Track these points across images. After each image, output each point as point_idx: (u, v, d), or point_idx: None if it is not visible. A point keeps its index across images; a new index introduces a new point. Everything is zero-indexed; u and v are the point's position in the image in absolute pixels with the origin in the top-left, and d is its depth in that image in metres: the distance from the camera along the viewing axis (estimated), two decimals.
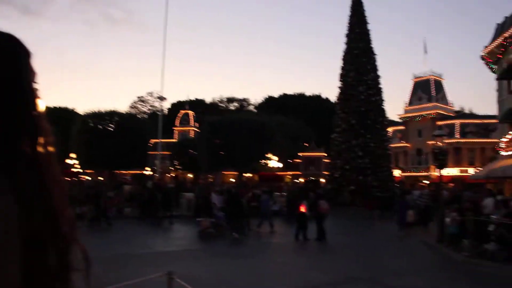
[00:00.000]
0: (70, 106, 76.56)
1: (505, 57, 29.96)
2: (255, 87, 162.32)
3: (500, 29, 31.26)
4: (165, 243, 17.19)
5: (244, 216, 19.31)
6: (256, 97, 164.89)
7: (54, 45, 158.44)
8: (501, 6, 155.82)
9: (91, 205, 21.90)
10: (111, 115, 39.40)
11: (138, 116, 61.10)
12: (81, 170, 45.37)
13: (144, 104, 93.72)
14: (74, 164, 43.09)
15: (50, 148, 0.96)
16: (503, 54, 30.00)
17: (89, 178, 51.87)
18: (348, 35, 41.24)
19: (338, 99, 41.23)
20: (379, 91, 40.04)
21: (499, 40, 29.54)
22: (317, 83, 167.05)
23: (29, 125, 0.92)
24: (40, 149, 0.92)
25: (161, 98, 61.17)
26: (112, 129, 38.74)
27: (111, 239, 17.30)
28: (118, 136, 36.72)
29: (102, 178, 51.16)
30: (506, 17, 31.12)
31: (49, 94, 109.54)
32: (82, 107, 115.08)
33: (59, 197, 0.94)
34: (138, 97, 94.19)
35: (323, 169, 70.01)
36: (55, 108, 66.04)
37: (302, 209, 17.84)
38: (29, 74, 0.98)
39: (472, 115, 66.68)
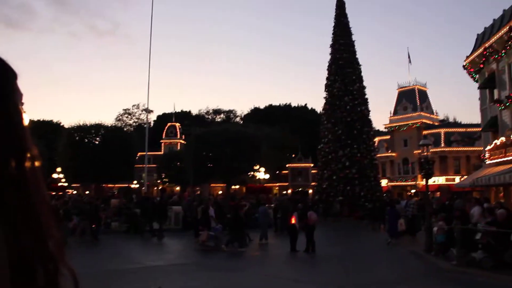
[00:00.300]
0: (55, 119, 75.93)
1: (486, 67, 30.48)
2: (241, 99, 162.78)
3: (481, 39, 31.80)
4: (153, 258, 17.03)
5: (243, 228, 19.24)
6: (242, 108, 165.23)
7: (38, 57, 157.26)
8: (482, 16, 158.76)
9: (88, 220, 21.73)
10: (97, 128, 39.04)
11: (124, 129, 60.63)
12: (67, 184, 44.90)
13: (130, 117, 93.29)
14: (60, 178, 42.63)
15: (37, 169, 0.95)
16: (484, 63, 30.51)
17: (75, 192, 51.39)
18: (332, 46, 41.65)
19: (324, 110, 41.49)
20: (364, 101, 40.40)
21: (480, 50, 30.04)
22: (303, 93, 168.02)
23: (16, 147, 0.91)
24: (26, 169, 0.91)
25: (147, 111, 61.09)
26: (98, 143, 38.42)
27: (99, 254, 17.12)
28: (104, 149, 36.39)
29: (88, 192, 50.65)
30: (486, 28, 31.70)
31: (34, 108, 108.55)
32: (67, 121, 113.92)
33: (47, 217, 0.93)
34: (124, 110, 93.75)
35: (310, 179, 70.29)
36: (40, 121, 65.49)
37: (293, 220, 17.84)
38: (17, 97, 0.97)
39: (456, 124, 67.54)
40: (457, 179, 49.04)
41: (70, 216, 21.89)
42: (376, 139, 56.73)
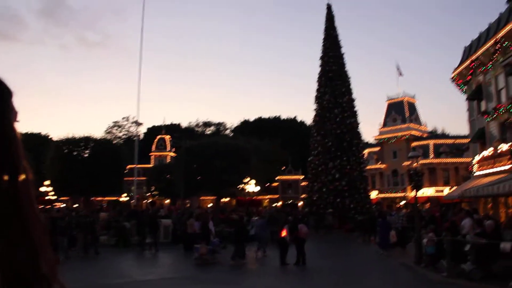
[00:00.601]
0: (43, 132, 75.40)
1: (474, 79, 30.84)
2: (231, 111, 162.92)
3: (468, 51, 32.22)
4: (144, 272, 16.87)
5: (246, 242, 19.12)
6: (232, 121, 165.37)
7: (27, 69, 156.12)
8: (470, 29, 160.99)
9: (87, 233, 21.61)
10: (86, 141, 38.79)
11: (113, 141, 60.36)
12: (55, 198, 44.47)
13: (119, 129, 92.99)
14: (48, 191, 42.22)
15: (30, 185, 0.96)
16: (472, 75, 30.89)
17: (64, 205, 50.88)
18: (322, 58, 41.94)
19: (313, 122, 41.66)
20: (354, 114, 40.63)
21: (467, 62, 30.42)
22: (292, 106, 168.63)
23: (9, 163, 0.92)
24: (19, 186, 0.92)
25: (137, 123, 60.88)
26: (87, 155, 38.16)
27: (89, 269, 16.91)
28: (93, 162, 36.14)
29: (77, 205, 50.17)
30: (473, 40, 32.14)
31: (22, 120, 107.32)
32: (55, 133, 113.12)
33: (40, 237, 0.94)
34: (114, 122, 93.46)
35: (300, 192, 70.28)
36: (28, 134, 64.97)
37: (283, 233, 17.78)
38: (11, 115, 0.98)
39: (445, 136, 68.10)
40: (446, 190, 49.30)
41: (69, 230, 21.65)
42: (366, 151, 57.07)
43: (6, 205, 0.89)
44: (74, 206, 47.88)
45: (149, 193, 59.97)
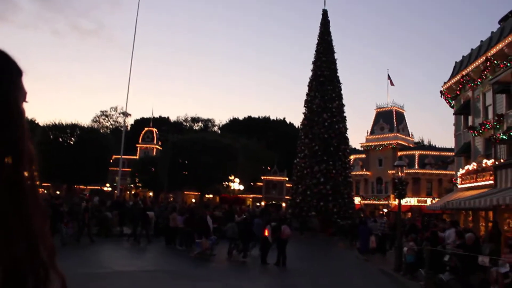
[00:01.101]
0: (30, 116, 74.56)
1: (462, 94, 31.24)
2: (220, 108, 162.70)
3: (459, 67, 32.64)
4: (124, 263, 16.82)
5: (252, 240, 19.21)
6: (221, 118, 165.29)
7: (17, 52, 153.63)
8: (461, 45, 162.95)
9: (78, 222, 21.72)
10: (73, 128, 38.46)
11: (100, 130, 59.91)
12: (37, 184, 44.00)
13: (107, 119, 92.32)
14: None
15: (34, 173, 0.93)
16: (461, 90, 31.28)
17: (45, 192, 50.36)
18: (314, 63, 42.07)
19: (302, 125, 41.78)
20: (343, 119, 40.83)
21: (457, 77, 30.79)
22: (283, 107, 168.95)
23: (15, 149, 0.88)
24: (23, 174, 0.90)
25: (125, 114, 60.52)
26: (73, 143, 37.85)
27: (69, 258, 16.78)
28: (78, 150, 35.85)
29: (59, 193, 49.68)
30: (464, 56, 32.57)
31: None
32: (42, 118, 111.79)
33: (40, 224, 0.92)
34: (102, 112, 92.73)
35: (284, 193, 70.45)
36: None
37: (266, 233, 17.85)
38: (19, 94, 0.94)
39: (431, 147, 68.78)
40: (429, 201, 49.87)
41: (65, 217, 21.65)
42: (352, 157, 57.35)
43: (8, 189, 0.85)
44: (57, 193, 47.41)
45: (133, 185, 59.64)
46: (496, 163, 18.82)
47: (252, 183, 73.86)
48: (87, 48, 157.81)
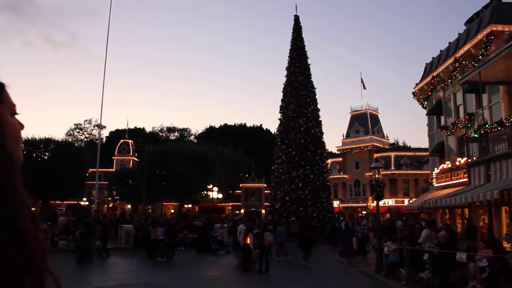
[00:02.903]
0: None
1: (434, 94, 31.89)
2: (196, 118, 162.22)
3: (429, 68, 33.33)
4: (104, 278, 16.58)
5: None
6: (197, 127, 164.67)
7: None
8: (432, 46, 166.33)
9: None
10: (46, 143, 37.70)
11: (75, 144, 59.00)
12: None
13: (81, 132, 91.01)
14: None
15: (20, 179, 0.96)
16: (432, 91, 31.93)
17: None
18: (288, 69, 42.36)
19: (278, 131, 41.95)
20: (318, 124, 41.14)
21: (428, 79, 31.44)
22: (259, 114, 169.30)
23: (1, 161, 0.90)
24: (10, 181, 0.92)
25: (100, 126, 59.79)
26: (46, 158, 37.11)
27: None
28: (53, 164, 35.16)
29: (34, 209, 48.51)
30: (434, 58, 33.27)
31: None
32: None
33: (31, 227, 0.93)
34: (75, 125, 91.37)
35: (264, 200, 70.52)
36: None
37: (248, 240, 17.83)
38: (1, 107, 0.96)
39: (406, 148, 69.89)
40: (406, 201, 50.54)
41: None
42: (329, 161, 57.77)
43: None
44: (33, 209, 46.37)
45: (110, 198, 58.86)
46: (469, 161, 19.24)
47: (231, 191, 73.67)
48: (60, 60, 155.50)
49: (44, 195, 36.89)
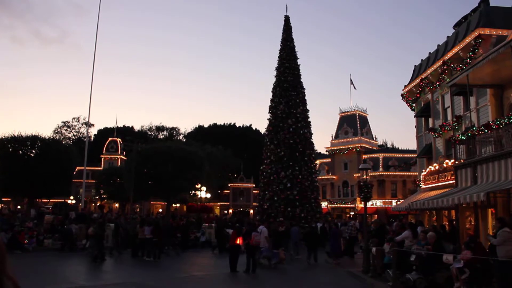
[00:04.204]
0: None
1: (422, 97, 32.08)
2: (185, 117, 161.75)
3: (418, 70, 33.53)
4: (90, 277, 16.42)
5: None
6: (186, 126, 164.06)
7: None
8: (421, 48, 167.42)
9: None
10: (33, 140, 37.23)
11: (62, 142, 58.41)
12: None
13: (69, 130, 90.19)
14: None
15: None
16: (420, 93, 32.12)
17: (5, 206, 48.73)
18: (278, 69, 42.32)
19: (267, 131, 41.88)
20: (307, 124, 41.15)
21: (417, 81, 31.62)
22: (248, 114, 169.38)
23: None
24: None
25: (88, 124, 59.35)
26: (33, 155, 36.66)
27: (31, 275, 16.26)
28: (40, 162, 34.76)
29: (20, 207, 48.15)
30: (422, 60, 33.49)
31: None
32: (0, 130, 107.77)
33: None
34: (63, 122, 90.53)
35: (252, 200, 70.50)
36: None
37: (238, 241, 17.77)
38: None
39: (394, 150, 70.28)
40: (394, 202, 50.81)
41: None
42: (318, 162, 57.91)
43: None
44: (18, 207, 45.96)
45: (98, 196, 58.42)
46: (456, 163, 19.34)
47: (219, 191, 73.56)
48: (49, 57, 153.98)
49: (30, 193, 36.52)
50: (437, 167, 26.16)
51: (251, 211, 66.40)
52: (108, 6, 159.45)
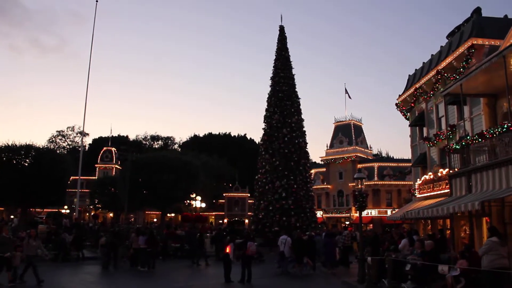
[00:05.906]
0: None
1: (417, 106, 32.23)
2: (180, 126, 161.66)
3: (412, 80, 33.72)
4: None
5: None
6: (181, 135, 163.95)
7: None
8: (415, 58, 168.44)
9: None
10: (28, 149, 36.94)
11: (57, 151, 58.16)
12: None
13: (64, 139, 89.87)
14: None
15: None
16: (415, 103, 32.27)
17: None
18: (273, 79, 42.43)
19: (262, 141, 41.90)
20: (302, 134, 41.21)
21: (411, 90, 31.77)
22: (243, 124, 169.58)
23: None
24: None
25: (83, 133, 59.18)
26: (27, 164, 36.37)
27: (26, 284, 16.10)
28: (34, 171, 34.47)
29: (13, 217, 47.73)
30: (416, 70, 33.69)
31: None
32: None
33: None
34: (58, 131, 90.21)
35: (247, 209, 70.34)
36: None
37: (227, 250, 17.70)
38: None
39: (389, 159, 70.58)
40: (389, 211, 50.83)
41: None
42: (313, 171, 57.96)
43: None
44: (11, 217, 45.60)
45: (92, 206, 58.07)
46: (451, 172, 19.40)
47: (214, 201, 73.40)
48: (45, 66, 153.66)
49: (23, 203, 36.19)
50: (432, 176, 26.21)
51: (246, 221, 66.19)
52: (106, 15, 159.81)
